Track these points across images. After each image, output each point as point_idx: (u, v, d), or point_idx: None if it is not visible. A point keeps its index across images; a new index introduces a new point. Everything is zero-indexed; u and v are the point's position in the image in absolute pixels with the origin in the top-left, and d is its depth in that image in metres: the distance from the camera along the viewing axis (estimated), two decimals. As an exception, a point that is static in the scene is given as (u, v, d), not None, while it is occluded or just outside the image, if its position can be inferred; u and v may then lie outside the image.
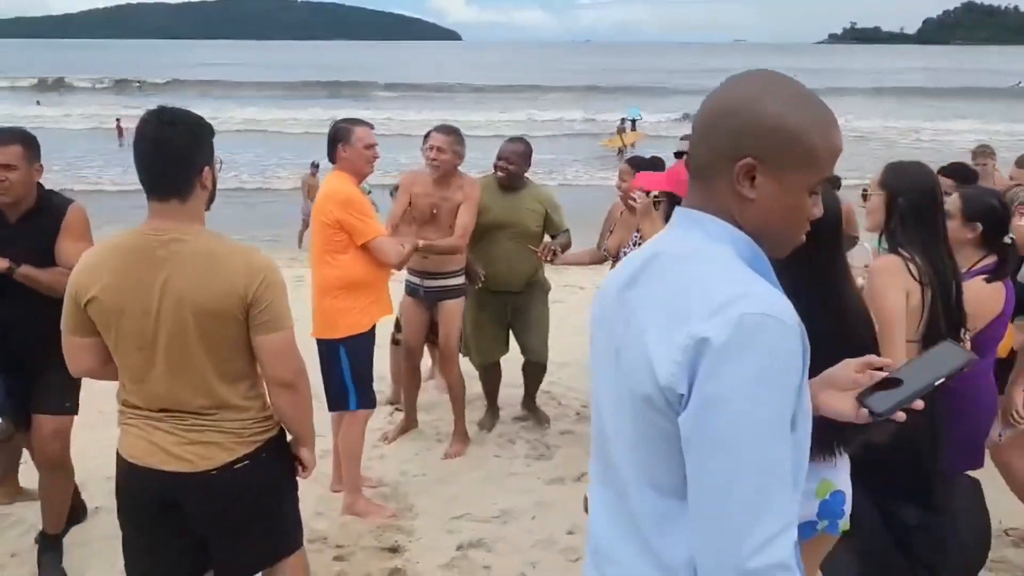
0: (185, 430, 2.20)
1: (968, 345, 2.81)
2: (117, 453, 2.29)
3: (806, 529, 2.15)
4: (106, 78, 51.49)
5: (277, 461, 2.35)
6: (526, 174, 4.75)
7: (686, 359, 1.15)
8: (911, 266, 2.62)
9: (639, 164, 4.71)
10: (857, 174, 11.34)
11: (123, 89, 46.26)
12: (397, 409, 5.11)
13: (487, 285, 4.65)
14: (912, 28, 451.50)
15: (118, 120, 28.58)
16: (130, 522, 2.33)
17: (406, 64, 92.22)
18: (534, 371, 5.02)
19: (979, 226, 2.92)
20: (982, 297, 2.85)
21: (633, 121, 26.48)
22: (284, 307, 2.22)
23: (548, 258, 4.41)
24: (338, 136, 3.78)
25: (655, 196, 3.35)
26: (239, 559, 2.35)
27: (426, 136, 4.44)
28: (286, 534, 2.46)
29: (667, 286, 1.23)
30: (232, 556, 2.34)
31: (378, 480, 4.31)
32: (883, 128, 27.27)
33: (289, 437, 2.42)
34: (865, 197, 2.98)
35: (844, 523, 2.25)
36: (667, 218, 2.93)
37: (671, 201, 2.85)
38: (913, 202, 2.67)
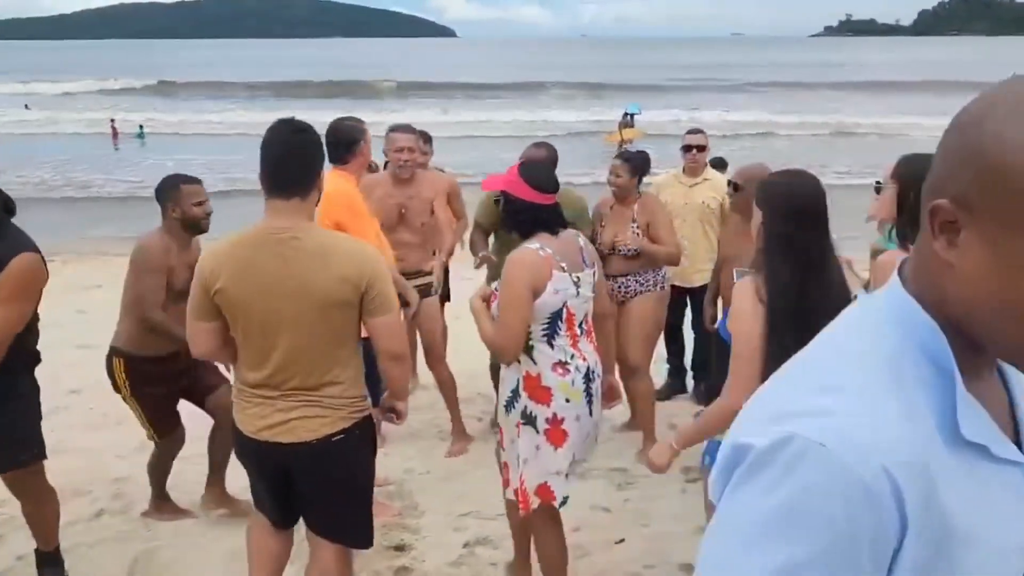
0: (298, 406, 2.52)
1: None
2: (234, 427, 2.66)
3: None
4: (100, 79, 51.05)
5: (364, 440, 2.68)
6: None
7: (723, 466, 0.86)
8: None
9: (629, 159, 4.74)
10: (868, 169, 11.16)
11: (117, 91, 45.84)
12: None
13: None
14: (907, 20, 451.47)
15: (112, 121, 28.38)
16: (254, 474, 2.77)
17: (406, 62, 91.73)
18: None
19: None
20: None
21: (632, 116, 26.41)
22: (392, 291, 2.54)
23: None
24: (358, 135, 3.79)
25: (495, 196, 3.43)
26: (328, 521, 2.68)
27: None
28: (367, 517, 2.78)
29: (780, 374, 0.92)
30: (322, 517, 2.68)
31: (383, 479, 4.31)
32: (883, 123, 26.96)
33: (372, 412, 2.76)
34: (878, 190, 2.99)
35: None
36: (503, 217, 3.04)
37: (507, 200, 2.95)
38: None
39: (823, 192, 2.49)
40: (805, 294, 2.33)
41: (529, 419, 2.85)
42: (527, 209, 2.90)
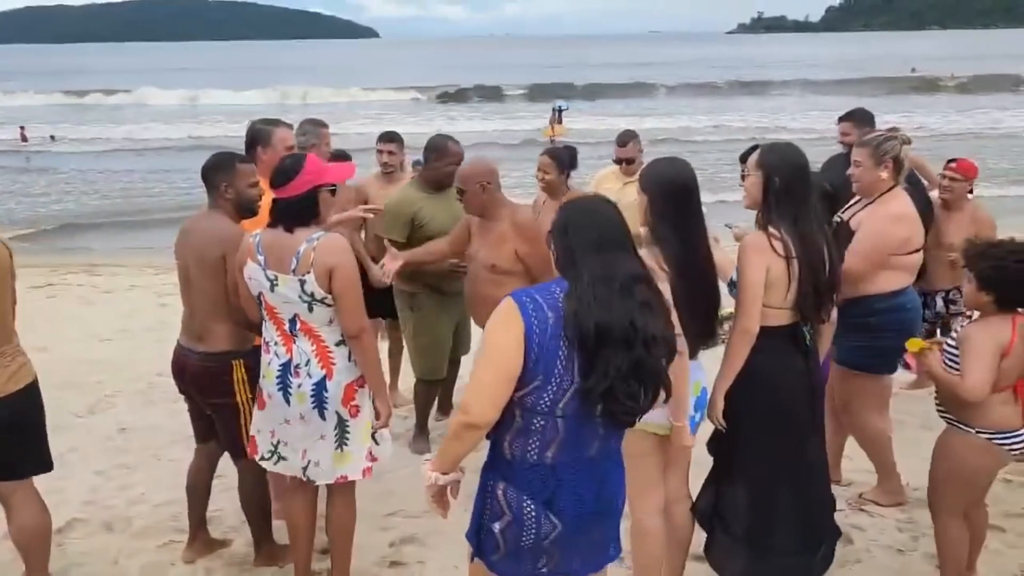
0: (8, 361, 3.02)
1: (835, 312, 3.07)
2: None
3: (690, 424, 2.87)
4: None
5: None
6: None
7: None
8: (774, 242, 2.82)
9: (556, 155, 4.83)
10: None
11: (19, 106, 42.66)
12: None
13: (445, 289, 4.44)
14: (816, 16, 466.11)
15: (22, 128, 27.40)
16: None
17: (338, 65, 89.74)
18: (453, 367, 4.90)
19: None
20: None
21: (561, 112, 26.62)
22: None
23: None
24: (257, 138, 3.66)
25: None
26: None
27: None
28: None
29: None
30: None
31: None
32: (800, 127, 26.22)
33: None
34: (743, 178, 3.17)
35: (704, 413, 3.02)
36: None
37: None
38: (786, 180, 2.86)
39: (693, 171, 2.91)
40: (691, 256, 2.79)
41: None
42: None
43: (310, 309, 2.93)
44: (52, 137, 27.37)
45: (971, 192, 5.01)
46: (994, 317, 2.97)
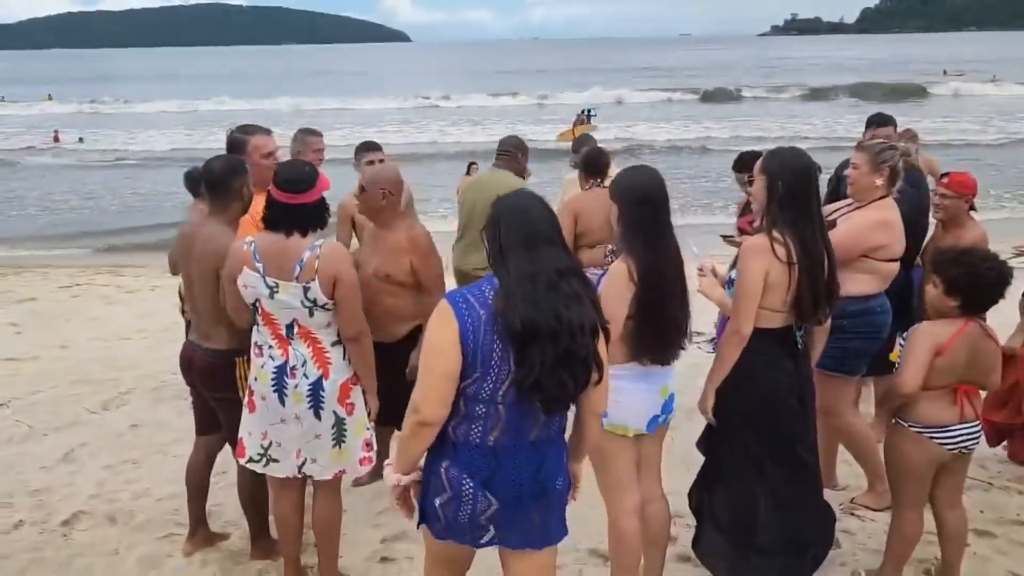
0: None
1: (828, 321, 3.09)
2: None
3: (651, 423, 2.96)
4: (35, 99, 48.38)
5: None
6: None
7: None
8: (776, 247, 2.83)
9: (578, 165, 4.96)
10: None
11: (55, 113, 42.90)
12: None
13: None
14: (851, 18, 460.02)
15: (56, 132, 28.27)
16: None
17: (373, 70, 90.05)
18: None
19: None
20: None
21: (589, 115, 26.75)
22: None
23: None
24: (233, 147, 3.70)
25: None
26: None
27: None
28: None
29: None
30: None
31: (305, 479, 4.35)
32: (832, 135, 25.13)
33: None
34: (751, 183, 3.20)
35: (671, 416, 3.08)
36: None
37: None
38: (789, 185, 2.87)
39: (661, 179, 2.93)
40: (660, 265, 2.82)
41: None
42: (267, 203, 3.03)
43: (311, 314, 3.01)
44: (80, 139, 28.20)
45: (972, 209, 4.33)
46: (943, 320, 3.03)
